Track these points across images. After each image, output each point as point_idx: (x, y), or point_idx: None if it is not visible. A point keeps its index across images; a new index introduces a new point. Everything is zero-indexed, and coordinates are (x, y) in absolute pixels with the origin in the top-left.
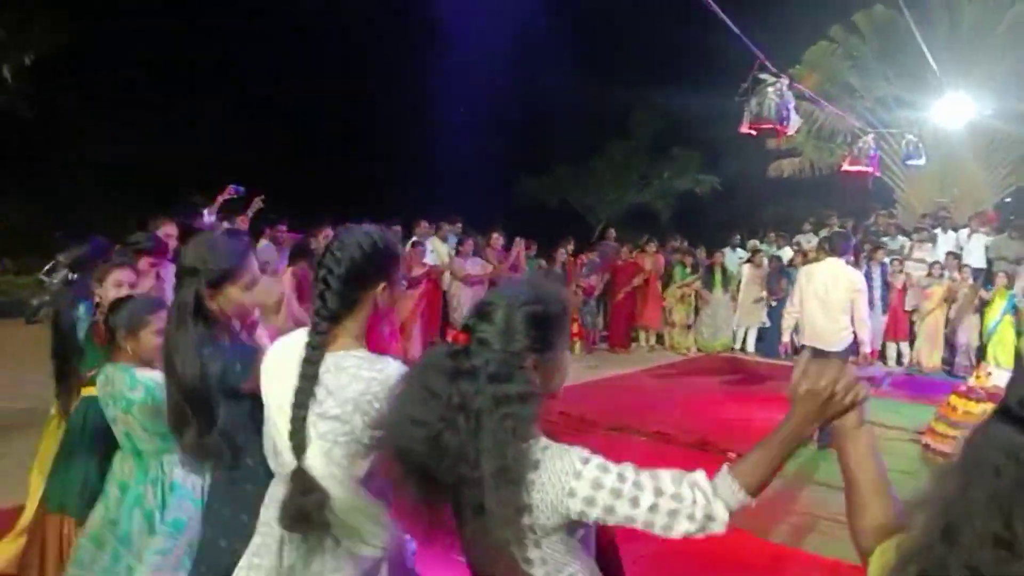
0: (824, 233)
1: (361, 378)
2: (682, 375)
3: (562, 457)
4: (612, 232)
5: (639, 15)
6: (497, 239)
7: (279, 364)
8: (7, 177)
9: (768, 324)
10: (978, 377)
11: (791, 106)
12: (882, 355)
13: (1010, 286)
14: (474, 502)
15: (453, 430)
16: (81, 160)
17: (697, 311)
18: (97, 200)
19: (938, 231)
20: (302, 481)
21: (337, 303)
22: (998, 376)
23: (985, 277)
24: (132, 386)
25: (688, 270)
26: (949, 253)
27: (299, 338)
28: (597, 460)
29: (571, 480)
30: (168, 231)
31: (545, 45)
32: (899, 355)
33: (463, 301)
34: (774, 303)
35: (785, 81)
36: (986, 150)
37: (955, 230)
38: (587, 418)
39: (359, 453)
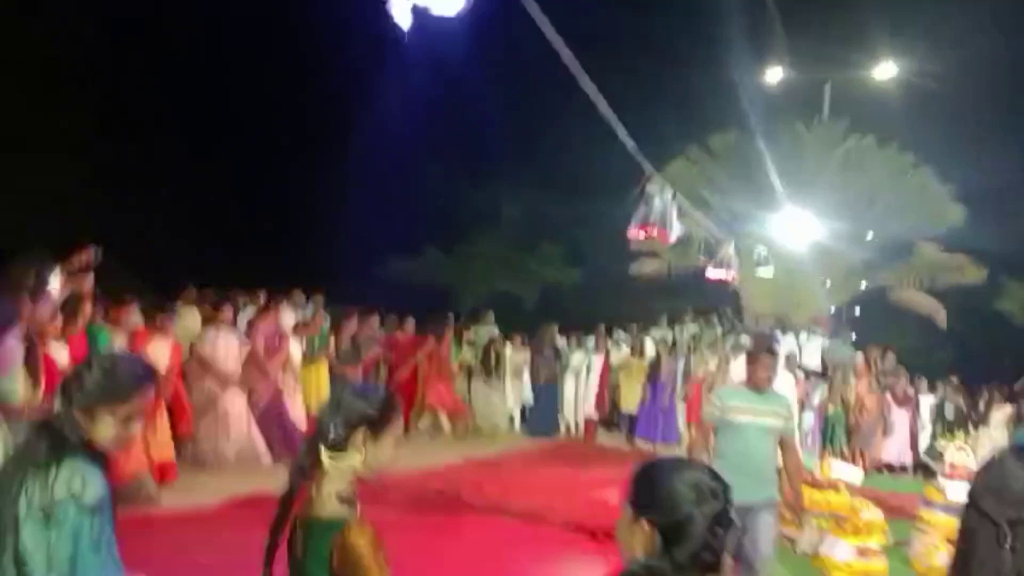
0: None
1: None
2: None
3: None
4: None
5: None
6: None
7: None
8: None
9: (532, 403)
10: (822, 468)
11: (674, 214)
12: None
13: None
14: None
15: None
16: None
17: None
18: None
19: (777, 332)
20: None
21: None
22: (837, 468)
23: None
24: None
25: (460, 350)
26: (787, 355)
27: None
28: None
29: None
30: None
31: (425, 131)
32: None
33: None
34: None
35: (670, 192)
36: (821, 265)
37: (795, 334)
38: (463, 499)
39: None
